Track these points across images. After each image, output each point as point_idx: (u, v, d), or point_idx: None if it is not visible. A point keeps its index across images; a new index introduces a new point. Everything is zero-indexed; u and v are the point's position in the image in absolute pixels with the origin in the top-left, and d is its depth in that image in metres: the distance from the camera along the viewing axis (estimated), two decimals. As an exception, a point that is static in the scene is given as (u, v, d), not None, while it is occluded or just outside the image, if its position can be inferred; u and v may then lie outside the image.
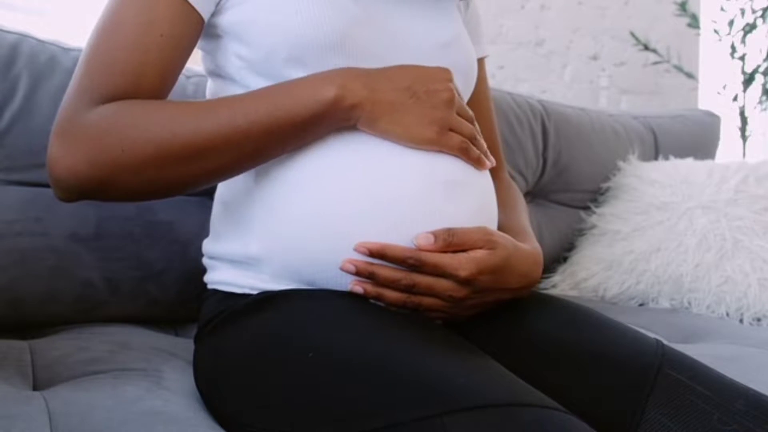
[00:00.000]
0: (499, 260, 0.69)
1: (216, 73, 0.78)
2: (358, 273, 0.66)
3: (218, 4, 0.73)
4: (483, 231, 0.69)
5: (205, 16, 0.73)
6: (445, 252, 0.67)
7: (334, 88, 0.67)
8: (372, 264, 0.67)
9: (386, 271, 0.66)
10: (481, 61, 0.94)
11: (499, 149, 0.98)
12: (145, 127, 0.66)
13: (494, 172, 0.85)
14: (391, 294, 0.67)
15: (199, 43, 0.78)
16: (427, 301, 0.68)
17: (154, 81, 0.70)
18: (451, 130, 0.70)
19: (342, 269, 0.67)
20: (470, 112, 0.75)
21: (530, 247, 0.76)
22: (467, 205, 0.71)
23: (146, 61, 0.69)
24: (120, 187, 0.68)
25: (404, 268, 0.67)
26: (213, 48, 0.77)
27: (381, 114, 0.68)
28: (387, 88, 0.68)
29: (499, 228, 0.78)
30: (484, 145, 0.75)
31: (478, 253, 0.68)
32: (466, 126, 0.72)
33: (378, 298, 0.68)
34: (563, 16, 2.84)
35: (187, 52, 0.74)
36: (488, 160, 0.74)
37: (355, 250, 0.66)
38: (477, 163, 0.73)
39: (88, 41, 0.71)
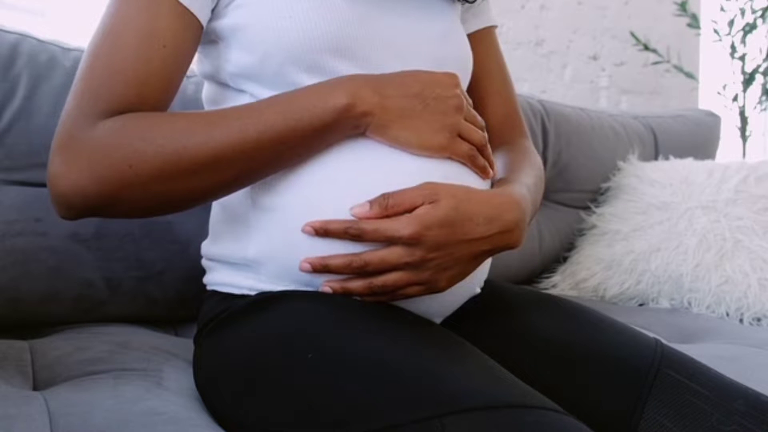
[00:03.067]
0: (445, 211, 0.65)
1: (212, 76, 0.78)
2: (314, 269, 0.67)
3: (214, 9, 0.73)
4: (422, 187, 0.66)
5: (204, 21, 0.72)
6: (385, 217, 0.65)
7: (345, 96, 0.66)
8: (324, 257, 0.67)
9: (336, 259, 0.66)
10: (489, 30, 0.93)
11: (519, 114, 0.96)
12: (152, 139, 0.64)
13: (512, 138, 0.85)
14: (354, 284, 0.67)
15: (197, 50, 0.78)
16: (390, 279, 0.66)
17: (158, 92, 0.69)
18: (459, 136, 0.70)
19: (301, 270, 0.67)
20: (480, 120, 0.74)
21: (498, 191, 0.72)
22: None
23: (149, 71, 0.68)
24: (127, 203, 0.66)
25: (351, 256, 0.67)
26: (208, 52, 0.77)
27: (391, 121, 0.67)
28: (397, 94, 0.67)
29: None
30: (491, 156, 0.75)
31: (420, 210, 0.65)
32: (475, 133, 0.72)
33: (344, 292, 0.67)
34: (563, 16, 2.84)
35: (188, 60, 0.73)
36: (492, 170, 0.74)
37: (303, 231, 0.67)
38: (482, 171, 0.73)
39: (88, 52, 0.69)
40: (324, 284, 0.68)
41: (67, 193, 0.65)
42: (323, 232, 0.66)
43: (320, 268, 0.66)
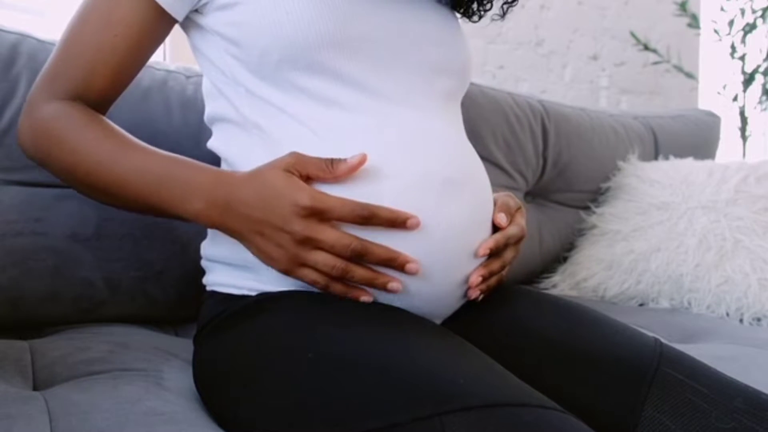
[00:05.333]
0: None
1: (210, 71, 0.78)
2: (483, 276, 0.73)
3: (199, 5, 0.74)
4: (506, 195, 0.81)
5: (179, 17, 0.74)
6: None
7: (199, 204, 0.68)
8: (480, 273, 0.73)
9: (477, 272, 0.73)
10: None
11: None
12: (65, 144, 0.73)
13: None
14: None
15: (191, 42, 0.79)
16: (493, 280, 0.76)
17: (105, 79, 0.75)
18: (306, 265, 0.66)
19: (471, 298, 0.74)
20: (344, 243, 0.64)
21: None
22: (464, 203, 0.71)
23: (98, 59, 0.74)
24: (53, 173, 0.76)
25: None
26: (205, 47, 0.77)
27: (238, 236, 0.68)
28: (239, 218, 0.67)
29: None
30: (364, 275, 0.66)
31: (518, 216, 0.80)
32: (324, 263, 0.65)
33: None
34: (563, 16, 2.84)
35: (145, 52, 0.77)
36: (372, 289, 0.67)
37: (478, 255, 0.72)
38: (342, 297, 0.67)
39: (63, 32, 0.76)
40: (475, 289, 0.73)
41: (21, 145, 0.78)
42: (496, 247, 0.73)
43: (487, 274, 0.73)
